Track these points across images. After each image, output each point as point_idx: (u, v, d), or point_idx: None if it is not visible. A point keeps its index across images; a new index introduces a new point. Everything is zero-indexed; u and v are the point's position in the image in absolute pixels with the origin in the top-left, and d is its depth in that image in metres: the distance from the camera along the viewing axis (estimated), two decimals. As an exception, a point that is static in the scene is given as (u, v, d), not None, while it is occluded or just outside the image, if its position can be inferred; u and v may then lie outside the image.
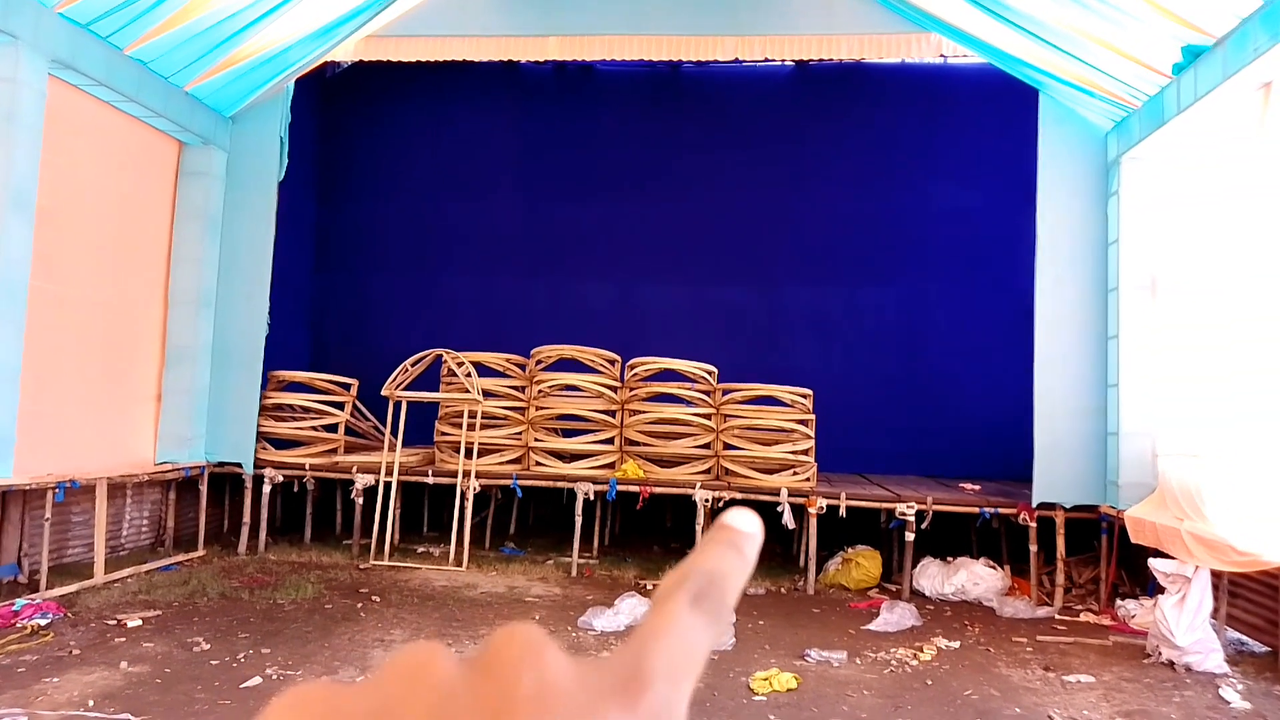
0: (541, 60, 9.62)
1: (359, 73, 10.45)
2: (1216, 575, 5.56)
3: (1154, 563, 5.56)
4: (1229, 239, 6.20)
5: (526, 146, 10.74)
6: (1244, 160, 6.09)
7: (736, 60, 9.25)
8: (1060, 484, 7.06)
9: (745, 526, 0.37)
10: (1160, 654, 5.44)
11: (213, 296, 8.25)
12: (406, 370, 8.14)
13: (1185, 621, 5.34)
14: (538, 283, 10.50)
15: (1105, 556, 6.90)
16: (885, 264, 10.01)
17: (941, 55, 8.42)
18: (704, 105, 10.50)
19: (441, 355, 8.22)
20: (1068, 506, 7.04)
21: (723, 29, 8.37)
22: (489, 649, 0.30)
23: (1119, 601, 6.64)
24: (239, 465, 8.05)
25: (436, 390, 8.24)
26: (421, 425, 8.55)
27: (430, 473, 7.95)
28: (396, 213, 10.87)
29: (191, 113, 7.86)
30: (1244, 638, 5.87)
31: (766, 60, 9.55)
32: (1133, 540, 6.13)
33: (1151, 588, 5.98)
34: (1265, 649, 5.66)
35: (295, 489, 8.38)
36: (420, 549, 8.15)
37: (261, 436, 8.19)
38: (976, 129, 9.58)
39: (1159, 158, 7.06)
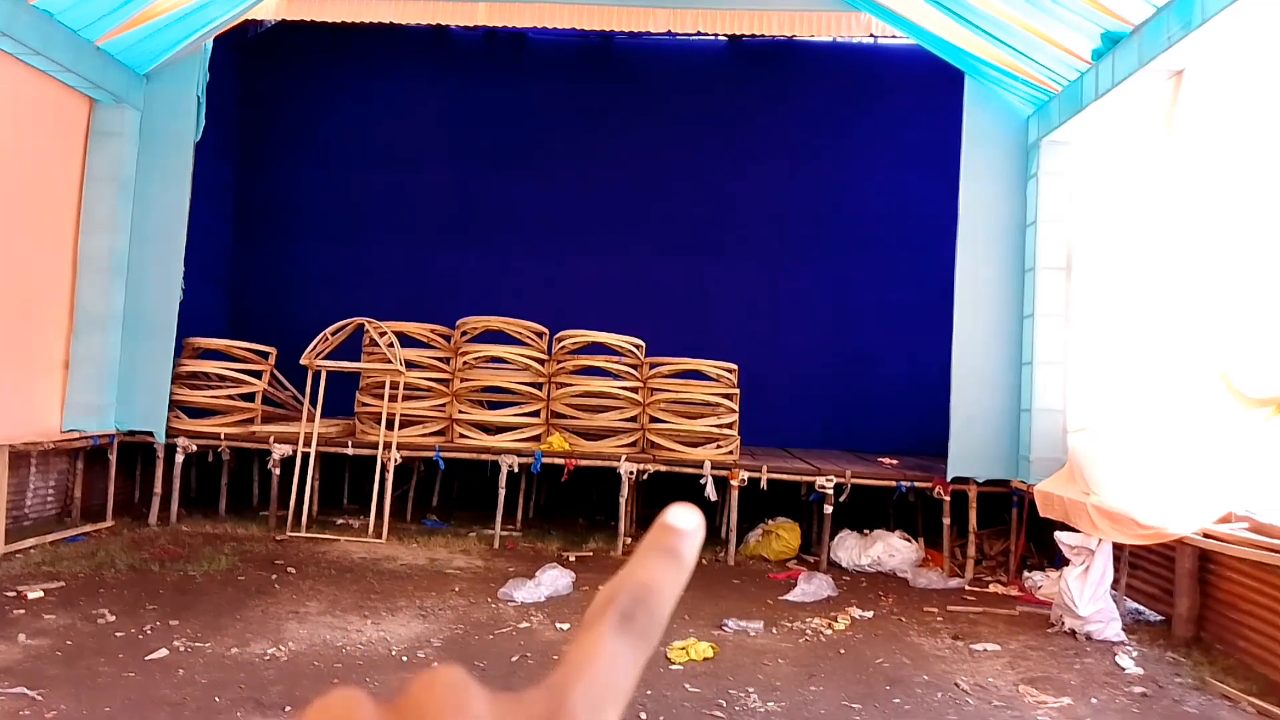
0: (472, 26, 9.43)
1: (282, 33, 10.12)
2: (1118, 547, 5.77)
3: (1060, 536, 5.75)
4: (1139, 221, 6.38)
5: (456, 115, 10.56)
6: (1155, 146, 6.27)
7: (669, 33, 9.20)
8: (974, 459, 7.25)
9: (684, 525, 0.36)
10: (1063, 623, 5.63)
11: (125, 261, 7.95)
12: (327, 339, 7.98)
13: (1088, 592, 5.54)
14: (466, 254, 10.36)
15: (1015, 530, 7.11)
16: (813, 242, 10.11)
17: (871, 35, 8.49)
18: (637, 78, 10.44)
19: (363, 325, 8.07)
20: (981, 481, 7.24)
21: (656, 1, 8.31)
22: (409, 697, 0.30)
23: (1027, 573, 6.86)
24: (150, 434, 7.81)
25: (358, 360, 8.09)
26: (343, 396, 8.40)
27: (350, 444, 7.82)
28: (321, 179, 10.60)
29: (103, 69, 7.53)
30: (1141, 607, 6.12)
31: (699, 34, 9.51)
32: (1041, 514, 6.33)
33: (1059, 560, 6.19)
34: (1160, 618, 5.91)
35: (210, 459, 8.17)
36: (339, 521, 8.02)
37: (175, 405, 7.96)
38: (905, 110, 9.70)
39: (1077, 141, 7.25)
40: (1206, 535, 4.99)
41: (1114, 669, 5.02)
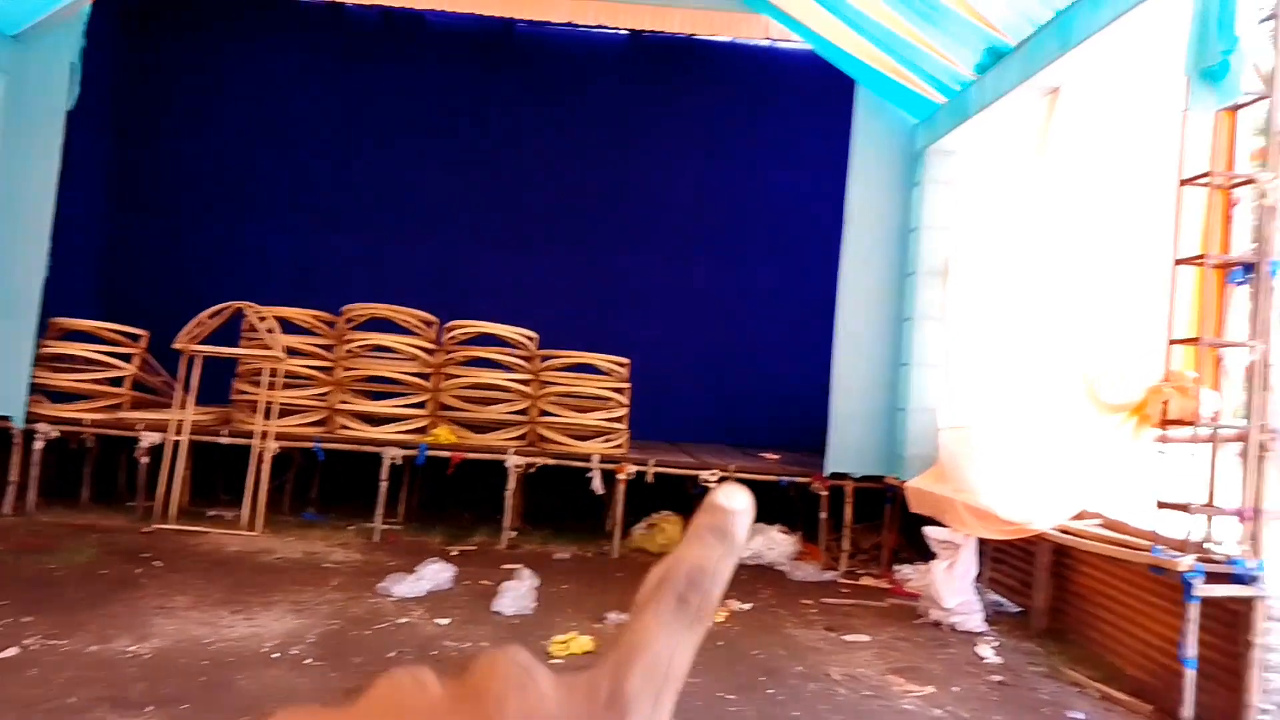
0: (368, 4, 9.20)
1: (170, 1, 9.67)
2: (983, 542, 6.04)
3: (929, 530, 5.99)
4: (1014, 231, 6.67)
5: (350, 95, 10.26)
6: (1031, 159, 6.56)
7: (570, 24, 9.16)
8: (851, 455, 7.48)
9: (733, 504, 0.36)
10: (930, 615, 5.87)
11: (-16, 233, 7.47)
12: (203, 323, 7.66)
13: (953, 585, 5.79)
14: (356, 239, 10.09)
15: (888, 524, 7.37)
16: (710, 238, 10.22)
17: (769, 38, 8.64)
18: (537, 66, 10.34)
19: (242, 309, 7.78)
20: (857, 476, 7.47)
21: (557, -11, 8.27)
22: (474, 675, 0.30)
23: (898, 566, 7.11)
24: (8, 419, 7.37)
25: (237, 346, 7.80)
26: (219, 383, 8.07)
27: (225, 432, 7.54)
28: (206, 155, 10.15)
29: (-37, 28, 7.04)
30: (1002, 599, 6.43)
31: (601, 26, 9.49)
32: (912, 509, 6.58)
33: (928, 554, 6.43)
34: (1019, 609, 6.21)
35: (74, 447, 7.76)
36: (212, 513, 7.72)
37: (37, 389, 7.52)
38: (800, 112, 9.88)
39: (961, 151, 7.53)
40: (1063, 531, 5.26)
41: (975, 659, 5.26)
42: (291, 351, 7.69)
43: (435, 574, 5.93)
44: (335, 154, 10.21)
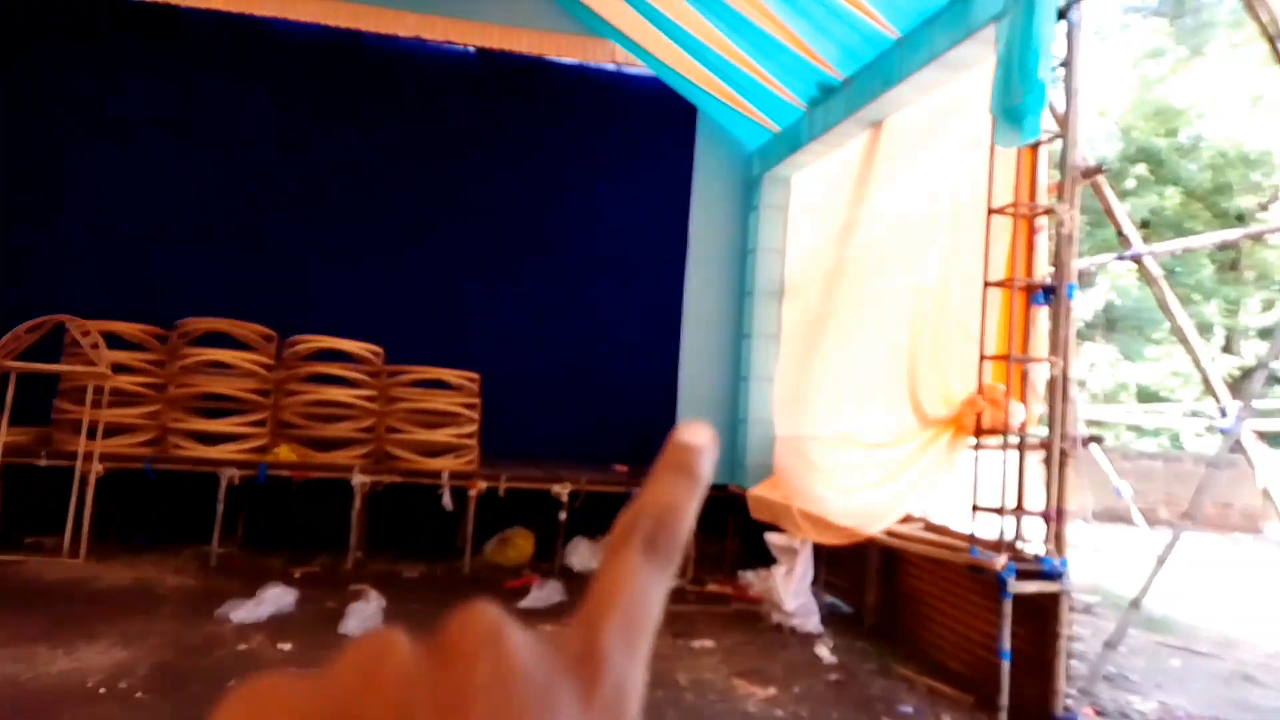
0: (206, 8, 8.84)
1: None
2: (819, 547, 6.38)
3: (769, 536, 6.28)
4: (840, 252, 7.09)
5: (188, 102, 9.77)
6: (857, 185, 7.01)
7: (418, 38, 9.09)
8: (698, 467, 7.72)
9: (695, 439, 0.36)
10: (771, 618, 6.14)
11: None
12: (20, 337, 7.16)
13: (792, 588, 6.08)
14: (191, 251, 9.59)
15: (731, 532, 7.65)
16: (556, 256, 10.30)
17: (615, 62, 8.84)
18: (383, 80, 10.17)
19: (64, 322, 7.32)
20: (704, 487, 7.71)
21: (406, 4, 8.21)
22: (446, 634, 0.29)
23: (741, 572, 7.40)
24: None
25: (58, 361, 7.32)
26: (42, 402, 7.54)
27: (44, 454, 7.07)
28: (23, 156, 9.45)
29: None
30: (838, 601, 6.80)
31: (449, 42, 9.46)
32: (753, 517, 6.87)
33: (769, 559, 6.72)
34: (851, 609, 6.59)
35: None
36: (29, 540, 7.20)
37: None
38: (644, 136, 10.12)
39: (794, 177, 7.95)
40: (891, 535, 5.63)
41: (813, 659, 5.55)
42: (119, 368, 7.28)
43: (277, 598, 5.75)
44: (171, 161, 9.70)
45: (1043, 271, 5.23)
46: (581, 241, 10.33)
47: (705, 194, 8.06)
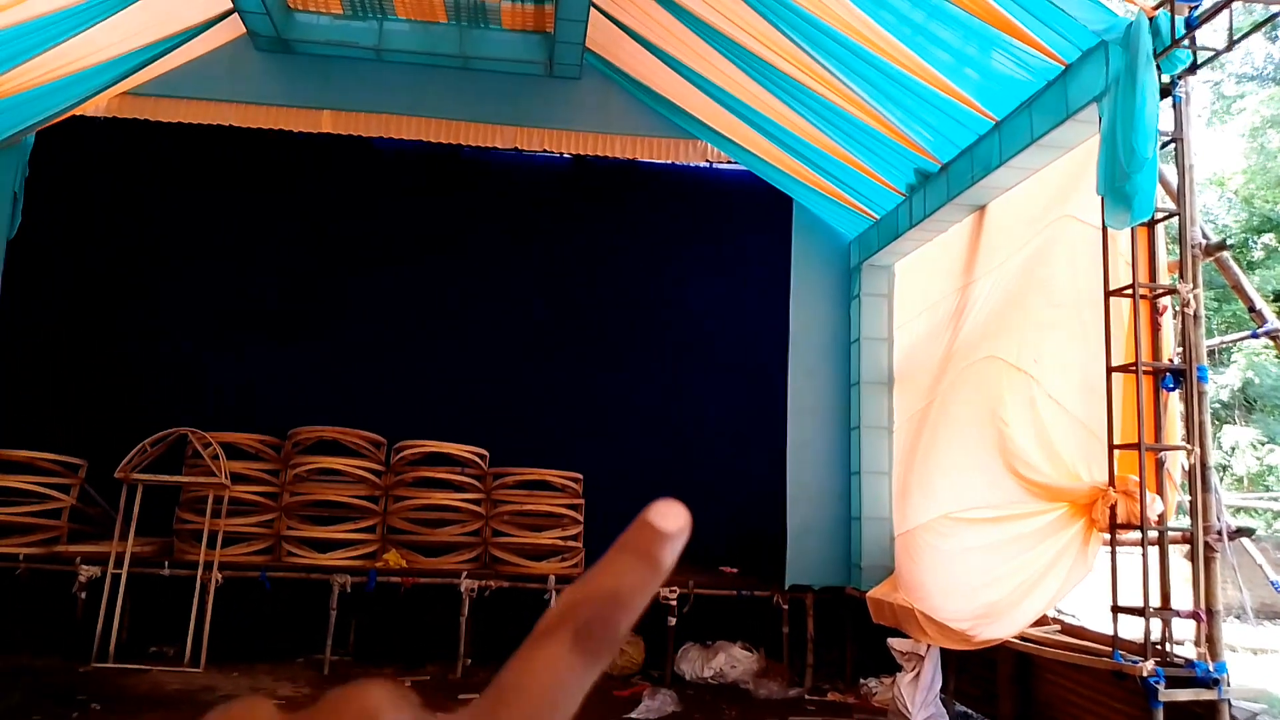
0: (314, 131, 9.37)
1: (113, 127, 9.75)
2: (946, 652, 6.02)
3: (892, 641, 5.96)
4: (948, 340, 6.88)
5: (293, 211, 10.32)
6: (962, 271, 6.83)
7: (516, 149, 9.41)
8: (810, 567, 7.46)
9: (667, 525, 0.33)
10: (896, 729, 5.78)
11: (-84, 364, 7.30)
12: (145, 451, 7.49)
13: (919, 697, 5.73)
14: (301, 358, 9.98)
15: (850, 637, 7.30)
16: (655, 352, 10.33)
17: (708, 160, 8.94)
18: (484, 187, 10.55)
19: (186, 434, 7.63)
20: (816, 589, 7.43)
21: (503, 118, 8.54)
22: (320, 709, 0.27)
23: (863, 680, 7.03)
24: (-66, 559, 7.05)
25: (180, 472, 7.62)
26: (162, 512, 7.84)
27: (166, 564, 7.29)
28: (148, 275, 10.07)
29: (-94, 159, 7.04)
30: (969, 710, 6.36)
31: (545, 151, 9.77)
32: (874, 620, 6.54)
33: (893, 665, 6.38)
34: (986, 718, 6.15)
35: (10, 583, 7.41)
36: (153, 649, 7.39)
37: (-33, 525, 7.24)
38: (739, 229, 10.18)
39: (895, 265, 7.82)
40: (1023, 639, 5.27)
41: (944, 774, 5.17)
42: (237, 477, 7.52)
43: (387, 708, 5.70)
44: (281, 274, 10.20)
45: (1169, 353, 4.94)
46: (680, 336, 10.35)
47: (804, 284, 7.99)
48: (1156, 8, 4.69)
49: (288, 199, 10.33)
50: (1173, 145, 4.88)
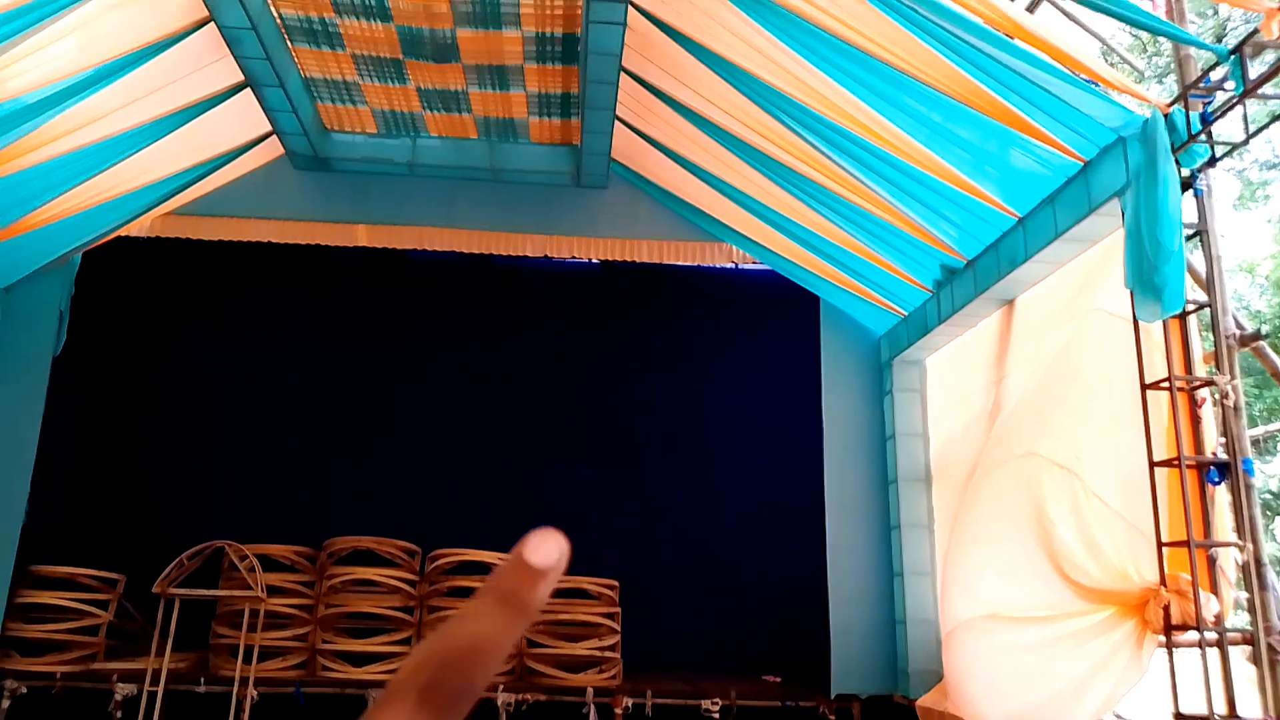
0: (348, 245, 9.62)
1: (155, 246, 10.09)
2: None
3: (942, 752, 5.72)
4: (983, 435, 6.80)
5: (327, 323, 10.52)
6: (993, 365, 6.80)
7: (545, 256, 9.60)
8: (855, 673, 7.23)
9: (538, 559, 0.31)
10: (953, 847, 5.51)
11: (-38, 480, 7.44)
12: (183, 564, 7.50)
13: (974, 811, 5.47)
14: (334, 467, 10.05)
15: (899, 745, 7.04)
16: (686, 453, 10.28)
17: (733, 261, 9.06)
18: (515, 295, 10.73)
19: (223, 547, 7.65)
20: (863, 697, 7.19)
21: (532, 228, 8.75)
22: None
23: (915, 791, 6.74)
24: (-28, 679, 7.04)
25: (216, 586, 7.62)
26: (199, 625, 7.81)
27: (202, 680, 7.23)
28: (186, 385, 10.26)
29: (-42, 284, 7.31)
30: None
31: (574, 257, 9.94)
32: (923, 729, 6.31)
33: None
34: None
35: (45, 701, 7.37)
36: (187, 770, 7.26)
37: (8, 642, 7.25)
38: (767, 327, 10.22)
39: (926, 360, 7.80)
40: (1079, 747, 5.04)
41: None
42: (273, 590, 7.50)
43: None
44: (312, 385, 10.35)
45: (1212, 445, 4.84)
46: (712, 436, 10.30)
47: (835, 381, 7.98)
48: (1171, 104, 4.76)
49: (323, 311, 10.56)
50: (1198, 237, 4.89)
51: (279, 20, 6.76)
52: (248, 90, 7.26)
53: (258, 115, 7.67)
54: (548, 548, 0.31)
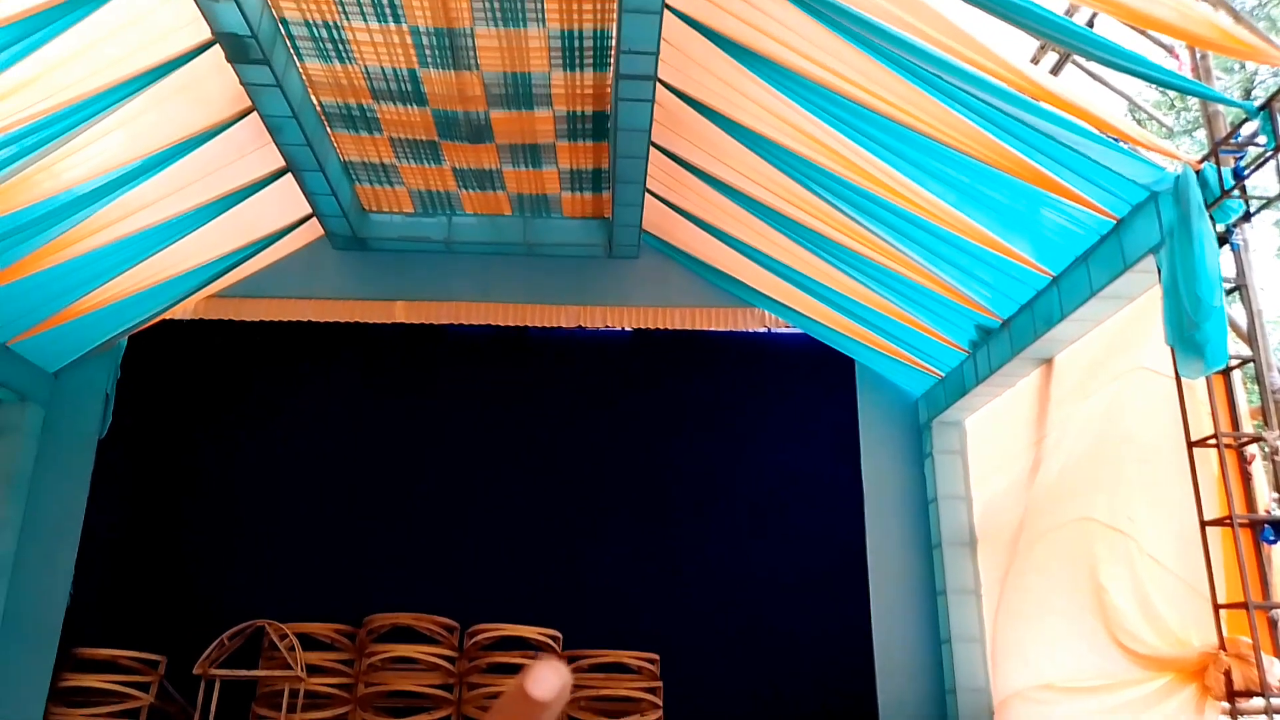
0: (387, 322, 9.78)
1: (197, 328, 10.30)
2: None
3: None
4: (1027, 492, 6.68)
5: (366, 399, 10.58)
6: (1033, 424, 6.71)
7: (579, 327, 9.69)
8: (906, 746, 7.02)
9: (539, 691, 0.30)
10: None
11: (9, 563, 7.53)
12: (224, 645, 7.51)
13: None
14: (374, 540, 10.02)
15: (956, 822, 6.79)
16: (725, 520, 10.13)
17: (766, 326, 9.09)
18: (549, 366, 10.77)
19: (264, 626, 7.65)
20: (915, 769, 6.98)
21: (566, 299, 8.87)
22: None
23: None
24: (17, 765, 7.04)
25: (256, 665, 7.60)
26: (240, 704, 7.78)
27: (243, 764, 7.17)
28: (223, 465, 10.30)
29: (10, 368, 7.53)
30: None
31: (607, 327, 10.01)
32: (978, 805, 6.09)
33: None
34: None
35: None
36: None
37: (49, 728, 7.26)
38: (802, 391, 10.15)
39: (965, 421, 7.71)
40: (1145, 823, 4.84)
41: None
42: (312, 669, 7.47)
43: None
44: (352, 461, 10.38)
45: (1265, 502, 4.73)
46: (750, 502, 10.16)
47: (874, 443, 7.91)
48: (1202, 160, 4.76)
49: (362, 388, 10.65)
50: (1238, 291, 4.84)
51: (319, 108, 7.00)
52: (289, 175, 7.49)
53: (298, 199, 7.90)
54: (550, 681, 0.30)
